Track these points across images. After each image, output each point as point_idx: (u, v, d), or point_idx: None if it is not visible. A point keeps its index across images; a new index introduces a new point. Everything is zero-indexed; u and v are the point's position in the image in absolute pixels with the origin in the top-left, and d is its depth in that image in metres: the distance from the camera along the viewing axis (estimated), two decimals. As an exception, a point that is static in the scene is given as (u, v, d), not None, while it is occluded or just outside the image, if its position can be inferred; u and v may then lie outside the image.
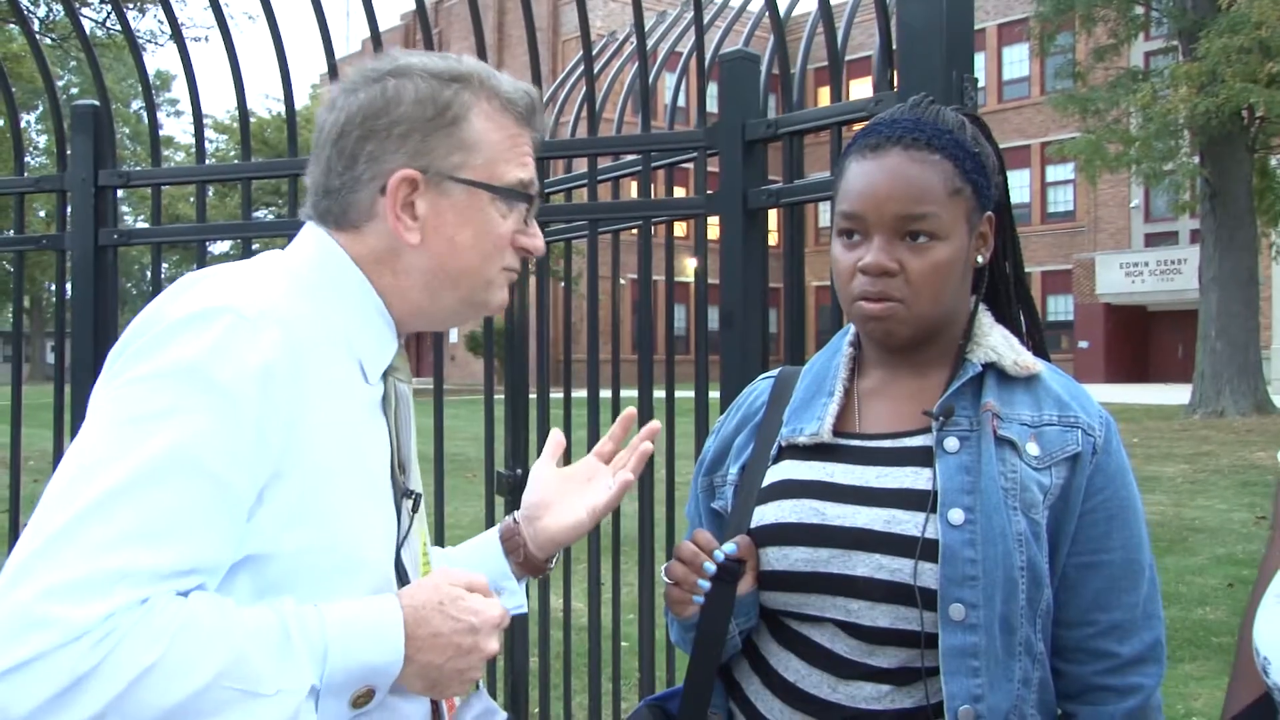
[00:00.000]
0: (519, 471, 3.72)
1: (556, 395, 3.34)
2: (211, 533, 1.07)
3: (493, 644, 1.20)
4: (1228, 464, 13.25)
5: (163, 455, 1.05)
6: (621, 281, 3.25)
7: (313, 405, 1.15)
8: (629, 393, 3.15)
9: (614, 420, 3.02)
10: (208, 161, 3.22)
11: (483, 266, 1.31)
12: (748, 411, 1.65)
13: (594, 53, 3.69)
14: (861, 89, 2.49)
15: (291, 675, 1.06)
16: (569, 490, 1.56)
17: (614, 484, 1.54)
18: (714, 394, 2.78)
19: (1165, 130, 19.08)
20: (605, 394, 3.00)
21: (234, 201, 19.25)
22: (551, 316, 3.29)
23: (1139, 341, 34.67)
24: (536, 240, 1.37)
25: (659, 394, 3.01)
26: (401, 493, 1.30)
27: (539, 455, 3.18)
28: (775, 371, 1.69)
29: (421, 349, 23.59)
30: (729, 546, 1.47)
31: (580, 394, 3.28)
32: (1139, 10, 21.67)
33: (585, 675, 3.38)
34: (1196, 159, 19.86)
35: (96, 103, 3.18)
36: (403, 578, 1.27)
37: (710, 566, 1.45)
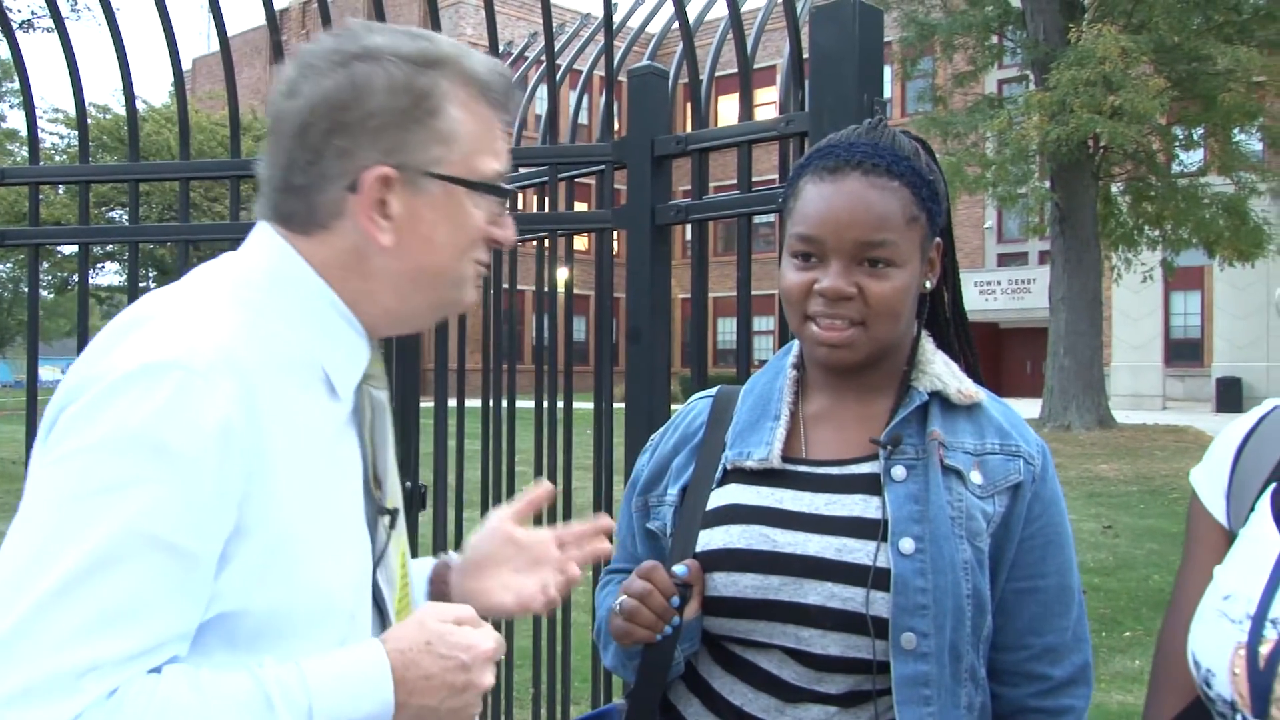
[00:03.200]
0: (408, 484, 3.66)
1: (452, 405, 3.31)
2: (177, 604, 1.01)
3: (487, 678, 1.14)
4: (1075, 476, 13.89)
5: (118, 534, 0.98)
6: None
7: (274, 451, 1.08)
8: (525, 403, 3.15)
9: (509, 431, 3.02)
10: (58, 160, 3.08)
11: (457, 264, 1.23)
12: (686, 431, 1.63)
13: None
14: (762, 98, 2.53)
15: None
16: (512, 560, 1.45)
17: (556, 583, 1.43)
18: (618, 404, 2.80)
19: (1020, 155, 19.93)
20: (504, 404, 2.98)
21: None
22: (452, 325, 3.25)
23: (991, 357, 36.03)
24: (509, 232, 1.28)
25: (558, 404, 3.01)
26: (377, 510, 1.24)
27: (433, 466, 3.14)
28: (713, 391, 1.67)
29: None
30: (679, 569, 1.45)
31: (474, 403, 3.26)
32: (995, 40, 22.63)
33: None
34: (1047, 184, 20.82)
35: (-33, 95, 3.02)
36: (377, 599, 1.23)
37: (669, 629, 1.43)
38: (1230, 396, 26.94)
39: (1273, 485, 1.26)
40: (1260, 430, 1.34)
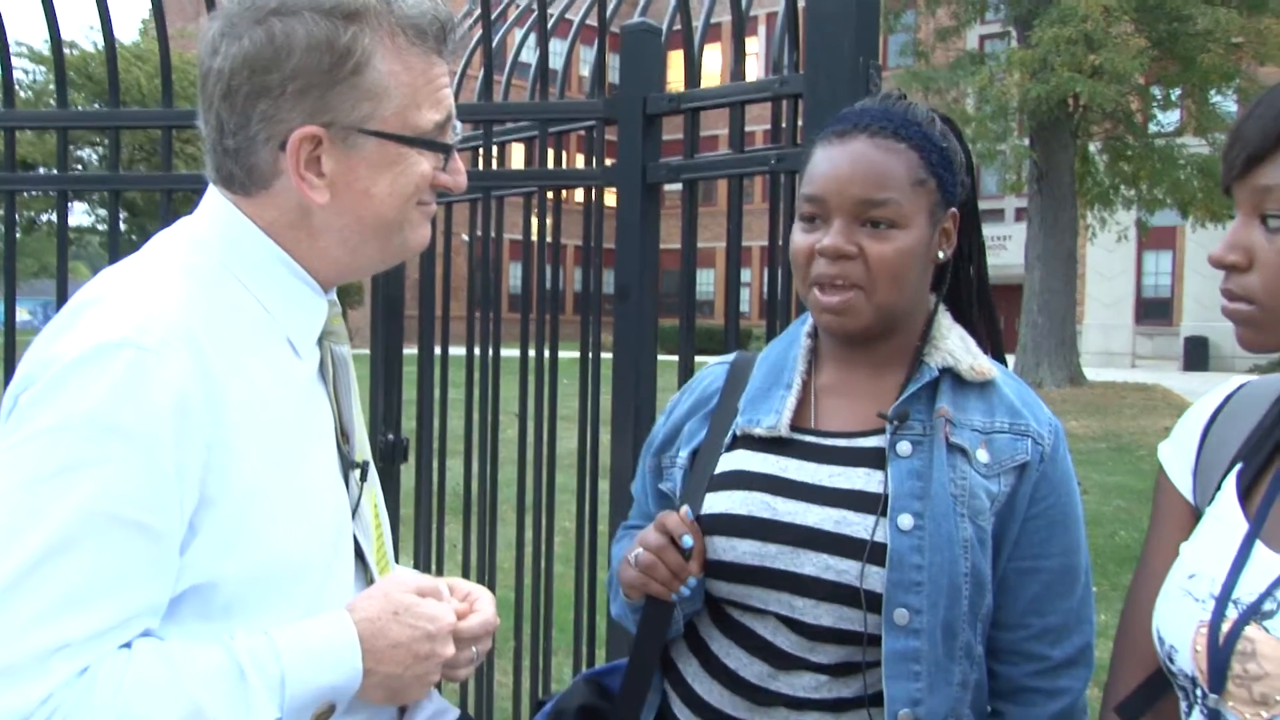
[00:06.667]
0: (390, 436, 3.66)
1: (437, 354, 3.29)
2: (143, 579, 1.02)
3: (449, 648, 1.19)
4: (1046, 433, 14.01)
5: (78, 515, 0.99)
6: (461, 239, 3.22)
7: (234, 418, 1.09)
8: (510, 352, 3.14)
9: (495, 379, 3.02)
10: (23, 97, 3.01)
11: (400, 213, 1.22)
12: (701, 396, 1.64)
13: (469, 15, 3.62)
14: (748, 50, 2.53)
15: (251, 714, 1.04)
16: None
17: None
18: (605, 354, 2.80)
19: (1000, 112, 19.92)
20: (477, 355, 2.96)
21: (53, 139, 17.69)
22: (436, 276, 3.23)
23: (964, 313, 36.27)
24: (458, 178, 1.26)
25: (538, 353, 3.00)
26: (348, 465, 1.26)
27: (417, 415, 3.12)
28: (730, 357, 1.67)
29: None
30: (685, 511, 1.47)
31: (458, 351, 3.25)
32: (978, -6, 22.50)
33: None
34: (1027, 141, 20.83)
35: (-58, 34, 2.94)
36: (358, 551, 1.25)
37: (685, 591, 1.44)
38: (1197, 355, 27.30)
39: (1238, 465, 1.26)
40: (1228, 408, 1.33)
